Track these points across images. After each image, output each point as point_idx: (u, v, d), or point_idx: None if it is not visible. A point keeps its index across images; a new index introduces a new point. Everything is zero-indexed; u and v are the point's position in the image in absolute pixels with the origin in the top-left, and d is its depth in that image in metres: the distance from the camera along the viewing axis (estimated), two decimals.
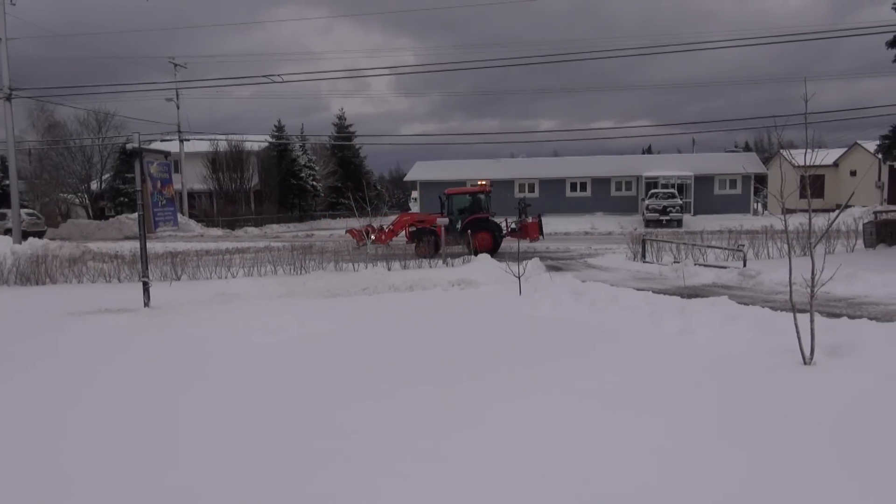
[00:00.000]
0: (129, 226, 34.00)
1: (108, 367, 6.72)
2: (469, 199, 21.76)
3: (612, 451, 3.98)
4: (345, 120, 56.80)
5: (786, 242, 8.73)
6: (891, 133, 16.68)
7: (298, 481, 3.73)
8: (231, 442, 4.39)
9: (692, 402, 4.85)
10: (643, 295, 9.52)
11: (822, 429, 4.21)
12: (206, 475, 3.88)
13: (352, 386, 5.64)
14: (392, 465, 3.90)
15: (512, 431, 4.37)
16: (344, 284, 12.98)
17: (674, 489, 3.47)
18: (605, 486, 3.53)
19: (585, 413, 4.70)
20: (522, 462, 3.86)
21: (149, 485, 3.78)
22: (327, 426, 4.63)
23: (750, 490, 3.43)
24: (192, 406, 5.24)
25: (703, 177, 41.07)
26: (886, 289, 10.36)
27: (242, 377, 6.09)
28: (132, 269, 14.93)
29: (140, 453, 4.25)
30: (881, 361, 5.47)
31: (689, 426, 4.35)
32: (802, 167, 6.07)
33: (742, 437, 4.13)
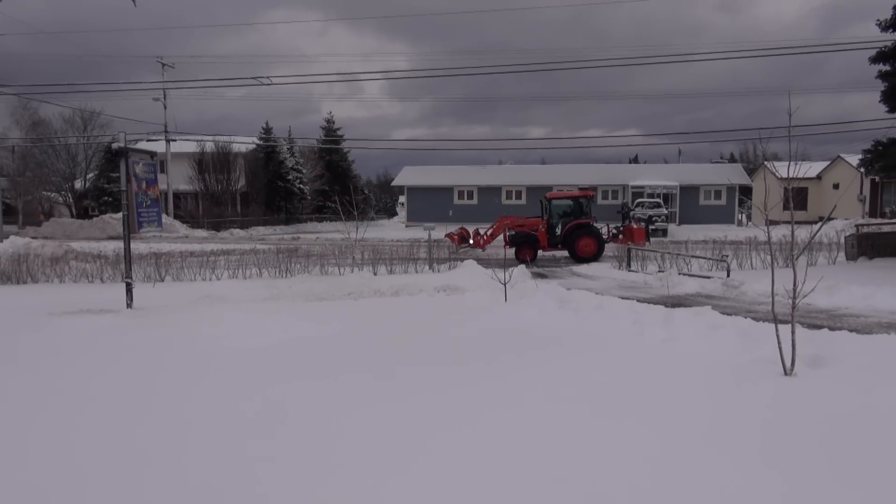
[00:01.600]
0: (113, 225, 33.73)
1: (86, 368, 6.64)
2: (570, 203, 21.17)
3: (597, 457, 3.99)
4: (333, 123, 56.77)
5: (769, 254, 8.82)
6: (873, 147, 16.90)
7: (288, 487, 3.71)
8: (209, 447, 4.35)
9: (674, 411, 4.87)
10: (628, 303, 9.57)
11: (801, 438, 4.24)
12: (184, 480, 3.85)
13: (335, 392, 5.61)
14: (377, 471, 3.88)
15: (495, 439, 4.36)
16: (329, 288, 12.93)
17: (657, 494, 3.48)
18: (593, 492, 3.54)
19: (570, 420, 4.70)
20: (507, 469, 3.86)
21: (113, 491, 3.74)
22: (312, 431, 4.60)
23: (732, 498, 3.45)
24: (171, 408, 5.19)
25: (688, 187, 41.41)
26: (867, 301, 10.49)
27: (224, 380, 6.04)
28: (115, 270, 14.78)
29: (111, 456, 4.20)
30: (860, 373, 5.53)
31: (671, 434, 4.37)
32: (786, 179, 6.14)
33: (723, 444, 4.15)
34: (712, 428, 4.49)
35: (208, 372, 6.37)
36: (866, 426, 4.43)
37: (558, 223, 20.63)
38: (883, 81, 16.40)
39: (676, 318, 7.98)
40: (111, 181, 41.35)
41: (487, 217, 38.57)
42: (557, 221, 20.71)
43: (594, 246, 19.64)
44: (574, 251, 19.69)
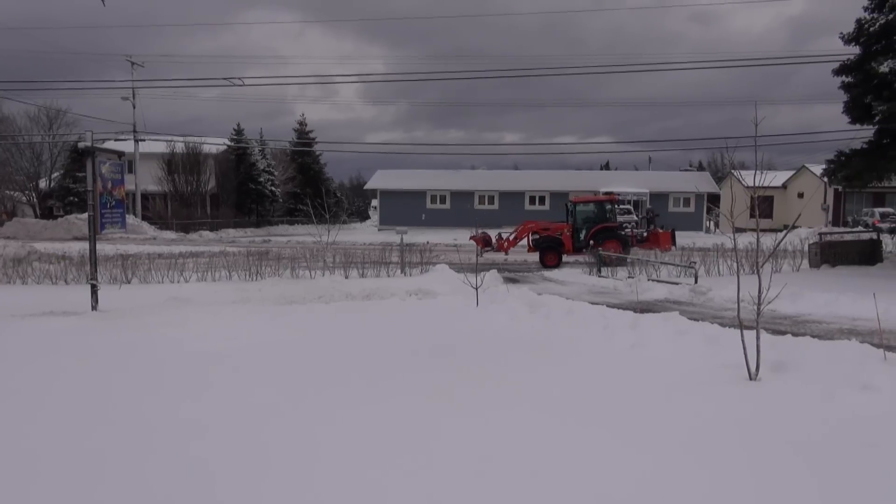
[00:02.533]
0: (79, 226, 33.05)
1: (48, 371, 6.49)
2: (595, 207, 21.09)
3: (563, 462, 4.02)
4: (305, 126, 56.47)
5: (735, 261, 8.98)
6: (836, 158, 17.33)
7: (244, 491, 3.67)
8: (172, 450, 4.28)
9: (640, 415, 4.93)
10: (598, 309, 9.65)
11: (765, 442, 4.32)
12: (142, 487, 3.78)
13: (302, 396, 5.56)
14: (340, 476, 3.86)
15: (464, 445, 4.37)
16: (300, 292, 12.83)
17: (620, 498, 3.51)
18: (554, 497, 3.56)
19: (536, 426, 4.72)
20: (473, 475, 3.86)
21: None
22: (285, 436, 4.55)
23: (695, 500, 3.50)
24: (132, 412, 5.10)
25: (658, 194, 42.01)
26: (829, 308, 10.73)
27: (190, 383, 5.95)
28: (80, 271, 14.48)
29: (66, 460, 4.11)
30: (823, 378, 5.64)
31: (636, 438, 4.42)
32: (752, 188, 6.26)
33: (688, 448, 4.21)
34: (677, 432, 4.55)
35: (174, 375, 6.27)
36: (827, 430, 4.53)
37: (583, 227, 20.55)
38: (846, 93, 16.84)
39: (645, 324, 8.08)
40: (77, 181, 40.53)
41: (459, 222, 38.76)
42: (582, 225, 20.63)
43: (620, 250, 19.43)
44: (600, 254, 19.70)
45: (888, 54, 15.03)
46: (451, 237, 29.52)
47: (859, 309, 10.18)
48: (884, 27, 15.39)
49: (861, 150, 16.66)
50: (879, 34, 15.62)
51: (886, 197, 40.13)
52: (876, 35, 15.70)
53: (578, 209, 21.03)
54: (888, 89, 14.74)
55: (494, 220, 37.74)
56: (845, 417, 4.76)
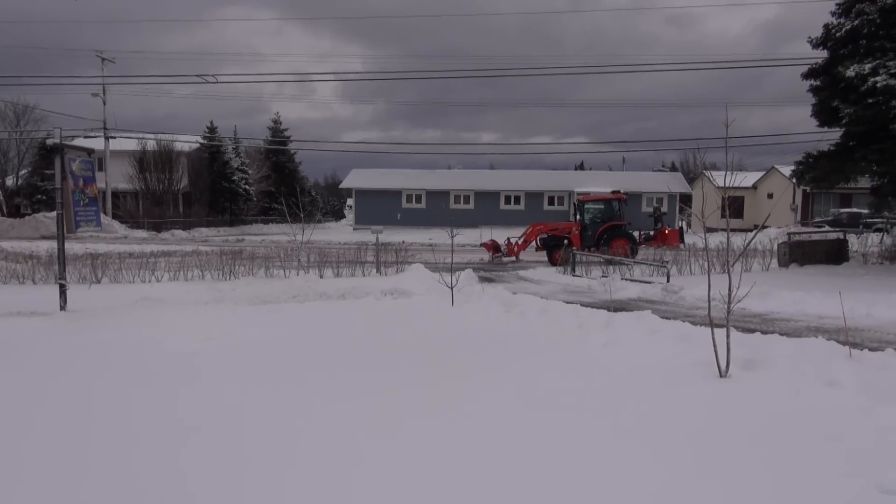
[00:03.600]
0: (47, 225, 32.38)
1: (14, 374, 6.37)
2: (603, 206, 21.10)
3: (533, 457, 4.05)
4: (280, 124, 55.98)
5: (706, 260, 9.12)
6: (804, 160, 17.65)
7: (220, 492, 3.64)
8: (146, 453, 4.24)
9: (613, 412, 4.98)
10: (572, 308, 9.73)
11: (734, 438, 4.40)
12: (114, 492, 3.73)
13: (277, 396, 5.53)
14: (308, 473, 3.85)
15: (435, 442, 4.38)
16: (274, 291, 12.74)
17: (590, 495, 3.56)
18: (524, 492, 3.59)
19: (509, 422, 4.76)
20: (439, 472, 3.88)
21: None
22: (257, 437, 4.52)
23: (662, 496, 3.55)
24: (105, 415, 5.03)
25: (631, 194, 42.33)
26: (797, 306, 10.95)
27: (161, 384, 5.88)
28: (48, 271, 14.20)
29: (34, 463, 4.05)
30: (790, 375, 5.77)
31: (608, 433, 4.47)
32: (723, 188, 6.36)
33: (659, 444, 4.27)
34: (649, 427, 4.61)
35: (144, 376, 6.19)
36: (795, 426, 4.63)
37: (591, 226, 20.64)
38: (814, 96, 17.16)
39: (618, 323, 8.17)
40: (45, 178, 39.72)
41: (435, 221, 38.72)
42: (590, 224, 20.72)
43: (627, 248, 19.62)
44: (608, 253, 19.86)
45: (855, 58, 15.35)
46: (427, 237, 29.49)
47: (826, 307, 10.40)
48: (850, 32, 15.72)
49: (828, 152, 16.99)
50: (846, 39, 15.95)
51: (853, 197, 41.03)
52: (843, 40, 16.03)
53: (587, 207, 21.13)
54: (855, 93, 15.05)
55: (470, 220, 37.85)
56: (812, 413, 4.87)
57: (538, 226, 21.54)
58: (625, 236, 20.08)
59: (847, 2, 16.07)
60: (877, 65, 14.69)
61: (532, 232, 21.03)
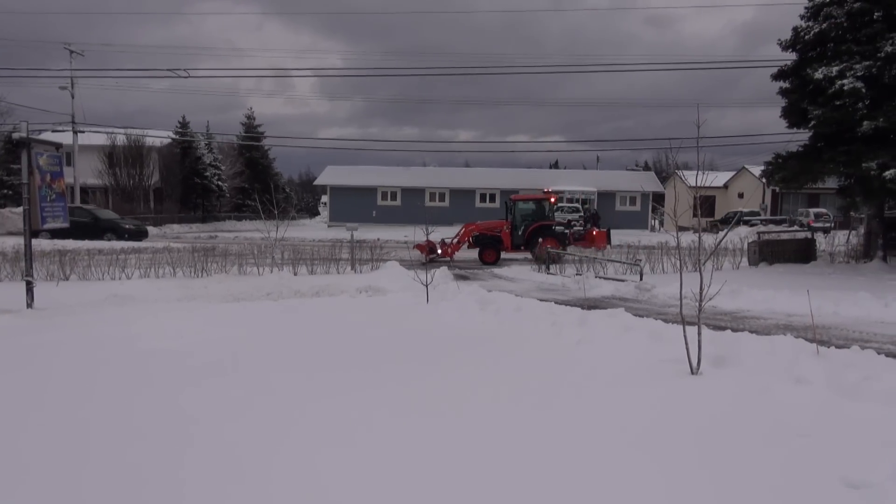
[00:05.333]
0: (13, 220, 31.64)
1: None
2: (533, 206, 21.31)
3: (508, 452, 4.06)
4: (254, 119, 55.49)
5: (679, 258, 9.24)
6: (773, 160, 17.95)
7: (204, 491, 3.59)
8: (107, 454, 4.17)
9: (585, 408, 5.02)
10: (546, 305, 9.79)
11: (705, 434, 4.46)
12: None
13: (248, 394, 5.48)
14: (268, 475, 3.82)
15: (411, 440, 4.38)
16: (248, 289, 12.62)
17: (559, 490, 3.58)
18: (482, 490, 3.60)
19: (482, 418, 4.77)
20: (415, 470, 3.88)
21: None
22: (221, 436, 4.47)
23: (631, 492, 3.59)
24: (68, 414, 4.93)
25: (605, 193, 42.83)
26: (766, 304, 11.15)
27: (131, 383, 5.79)
28: (14, 268, 13.90)
29: None
30: (760, 372, 5.87)
31: (582, 432, 4.50)
32: (694, 188, 6.45)
33: (631, 441, 4.31)
34: (622, 424, 4.65)
35: (113, 375, 6.09)
36: (764, 422, 4.71)
37: (521, 225, 20.86)
38: (784, 98, 17.45)
39: (592, 320, 8.24)
40: (11, 173, 38.80)
41: (410, 219, 38.67)
42: (521, 223, 20.93)
43: (556, 247, 19.77)
44: (536, 253, 20.04)
45: (823, 61, 15.65)
46: (402, 234, 29.43)
47: (794, 305, 10.60)
48: (818, 35, 16.01)
49: (797, 152, 17.29)
50: (815, 42, 16.25)
51: (821, 198, 41.87)
52: (811, 42, 16.33)
53: (518, 207, 21.41)
54: (822, 95, 15.34)
55: (445, 217, 37.84)
56: (781, 409, 4.95)
57: (470, 226, 21.82)
58: (554, 236, 20.41)
59: (815, 5, 16.37)
60: (844, 67, 14.99)
61: (465, 232, 21.27)
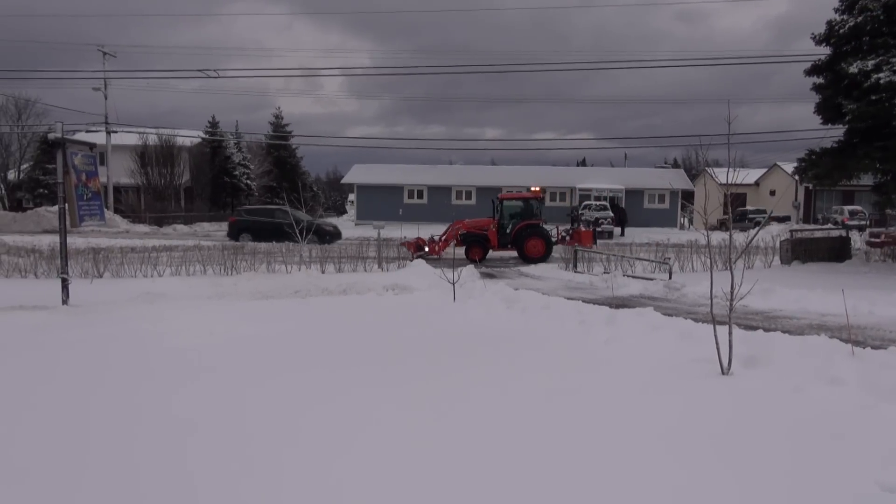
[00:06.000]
0: (49, 219, 32.40)
1: (16, 367, 6.38)
2: (521, 204, 21.38)
3: (536, 450, 4.05)
4: (282, 119, 55.99)
5: (709, 257, 9.11)
6: (807, 157, 17.62)
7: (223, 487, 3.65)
8: (149, 449, 4.25)
9: (613, 409, 4.98)
10: (574, 304, 9.73)
11: (736, 435, 4.40)
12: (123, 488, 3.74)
13: (278, 392, 5.54)
14: (303, 474, 3.86)
15: (441, 435, 4.39)
16: (276, 286, 12.75)
17: (585, 491, 3.56)
18: (515, 491, 3.59)
19: (515, 416, 4.76)
20: (443, 465, 3.89)
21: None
22: (258, 433, 4.53)
23: (663, 494, 3.55)
24: (103, 409, 5.04)
25: (633, 191, 42.37)
26: (799, 303, 10.93)
27: (163, 379, 5.89)
28: (50, 265, 14.23)
29: (27, 458, 4.06)
30: (792, 372, 5.76)
31: (611, 431, 4.47)
32: (725, 185, 6.35)
33: (660, 441, 4.27)
34: (651, 425, 4.61)
35: (146, 371, 6.20)
36: (796, 423, 4.62)
37: (509, 223, 20.88)
38: (817, 93, 17.12)
39: (620, 319, 8.17)
40: (47, 173, 39.72)
41: (437, 217, 38.69)
42: (508, 222, 20.95)
43: (542, 247, 20.01)
44: (523, 251, 20.01)
45: (858, 55, 15.31)
46: (429, 232, 29.47)
47: (829, 305, 10.39)
48: (853, 29, 15.67)
49: (831, 149, 16.95)
50: (849, 35, 15.90)
51: (855, 195, 40.98)
52: (846, 36, 15.98)
53: (505, 205, 21.43)
54: (858, 90, 15.01)
55: (471, 214, 37.68)
56: (814, 410, 4.87)
57: (458, 224, 21.84)
58: (540, 235, 20.37)
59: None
60: (880, 61, 14.65)
61: (452, 230, 21.30)
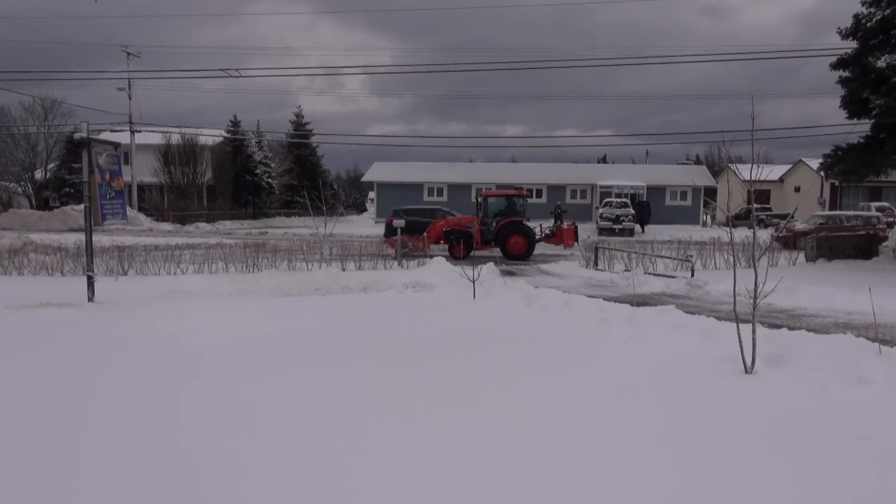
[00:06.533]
0: (75, 217, 32.95)
1: (45, 362, 6.48)
2: (505, 201, 21.52)
3: (556, 454, 4.03)
4: (302, 118, 56.34)
5: (732, 254, 9.01)
6: (833, 152, 17.34)
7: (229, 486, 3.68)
8: (163, 446, 4.30)
9: (635, 408, 4.95)
10: (594, 302, 9.67)
11: (760, 435, 4.34)
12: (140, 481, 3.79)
13: (300, 388, 5.58)
14: (332, 469, 3.88)
15: (457, 435, 4.39)
16: (297, 284, 12.82)
17: (611, 493, 3.53)
18: (541, 492, 3.58)
19: (533, 414, 4.74)
20: (468, 461, 3.89)
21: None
22: (277, 429, 4.57)
23: (684, 497, 3.52)
24: (128, 403, 5.11)
25: (655, 187, 42.00)
26: (825, 301, 10.77)
27: (187, 375, 5.96)
28: (76, 263, 14.45)
29: (49, 455, 4.12)
30: (818, 371, 5.67)
31: (631, 431, 4.44)
32: (748, 182, 6.27)
33: (682, 442, 4.23)
34: (672, 423, 4.57)
35: (170, 367, 6.28)
36: (822, 423, 4.55)
37: (493, 221, 20.97)
38: (843, 87, 16.83)
39: (641, 317, 8.10)
40: (73, 172, 40.37)
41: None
42: (492, 219, 21.05)
43: (525, 244, 20.13)
44: (505, 248, 20.12)
45: (885, 49, 15.02)
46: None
47: (855, 303, 10.22)
48: (881, 22, 15.38)
49: (858, 144, 16.68)
50: (877, 29, 15.61)
51: (883, 191, 40.24)
52: (873, 30, 15.69)
53: (489, 203, 21.48)
54: (885, 84, 14.73)
55: None
56: (840, 410, 4.79)
57: (440, 222, 21.93)
58: (523, 233, 20.38)
59: None
60: None
61: (436, 228, 21.36)
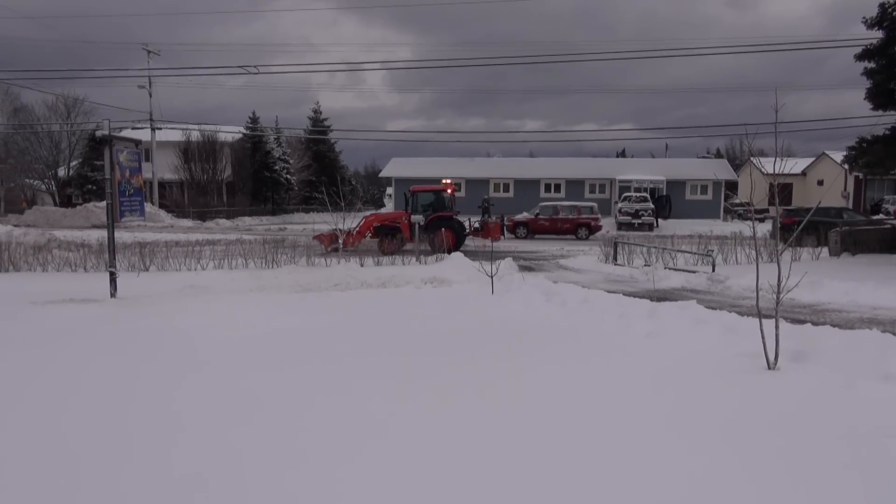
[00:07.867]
0: (97, 214, 33.36)
1: (69, 358, 6.57)
2: (433, 196, 21.83)
3: (576, 449, 4.01)
4: (320, 114, 56.54)
5: (754, 249, 8.89)
6: (857, 144, 17.05)
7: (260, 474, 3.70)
8: (196, 437, 4.33)
9: (658, 404, 4.90)
10: (614, 297, 9.60)
11: (784, 432, 4.28)
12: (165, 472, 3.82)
13: (315, 382, 5.59)
14: (337, 462, 3.88)
15: (477, 430, 4.38)
16: (316, 280, 12.88)
17: (631, 489, 3.50)
18: (560, 486, 3.55)
19: (550, 410, 4.72)
20: (481, 460, 3.87)
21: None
22: (287, 421, 4.58)
23: (704, 492, 3.48)
24: (154, 399, 5.15)
25: (675, 182, 41.61)
26: (849, 297, 10.60)
27: (207, 370, 6.00)
28: (99, 259, 14.63)
29: (87, 449, 4.17)
30: (843, 368, 5.58)
31: (653, 427, 4.39)
32: (771, 175, 6.17)
33: (703, 439, 4.18)
34: (694, 420, 4.52)
35: (191, 362, 6.33)
36: (848, 421, 4.48)
37: (423, 215, 20.94)
38: (868, 79, 16.53)
39: (662, 313, 8.02)
40: (95, 169, 40.93)
41: (475, 210, 38.62)
42: (420, 214, 21.02)
43: (453, 238, 20.13)
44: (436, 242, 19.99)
45: None
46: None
47: (880, 298, 10.05)
48: None
49: (883, 136, 16.37)
50: None
51: None
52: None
53: (418, 197, 21.63)
54: None
55: (509, 207, 37.62)
56: (866, 407, 4.70)
57: (370, 217, 22.02)
58: (451, 227, 20.52)
59: None
60: None
61: (366, 223, 21.39)
